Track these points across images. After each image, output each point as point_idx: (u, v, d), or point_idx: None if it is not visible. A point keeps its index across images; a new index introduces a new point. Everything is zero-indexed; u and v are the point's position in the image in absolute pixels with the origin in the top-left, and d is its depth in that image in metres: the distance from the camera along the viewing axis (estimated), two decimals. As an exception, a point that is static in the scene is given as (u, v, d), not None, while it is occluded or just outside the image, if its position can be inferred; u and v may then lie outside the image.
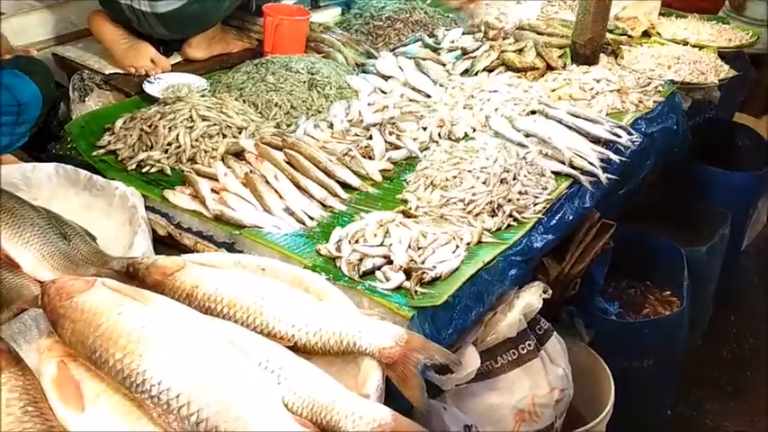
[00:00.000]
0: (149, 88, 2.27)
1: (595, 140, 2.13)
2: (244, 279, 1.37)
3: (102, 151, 1.99)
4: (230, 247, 1.69)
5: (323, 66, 2.45)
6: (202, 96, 2.14)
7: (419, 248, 1.60)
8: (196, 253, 1.69)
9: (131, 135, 2.00)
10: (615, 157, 2.06)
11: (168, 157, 1.95)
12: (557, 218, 1.88)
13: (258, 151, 1.90)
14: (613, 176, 2.02)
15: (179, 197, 1.78)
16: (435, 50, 2.74)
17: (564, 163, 1.99)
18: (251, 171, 1.83)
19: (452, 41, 2.79)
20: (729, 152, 3.07)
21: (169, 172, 1.91)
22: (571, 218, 1.93)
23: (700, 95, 2.66)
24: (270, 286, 1.36)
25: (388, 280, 1.52)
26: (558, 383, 1.66)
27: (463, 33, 2.88)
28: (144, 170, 1.92)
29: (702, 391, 2.57)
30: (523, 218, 1.78)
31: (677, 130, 2.49)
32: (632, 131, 2.21)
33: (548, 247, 1.83)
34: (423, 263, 1.56)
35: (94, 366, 1.10)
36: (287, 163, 1.89)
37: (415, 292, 1.48)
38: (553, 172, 1.97)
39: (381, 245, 1.60)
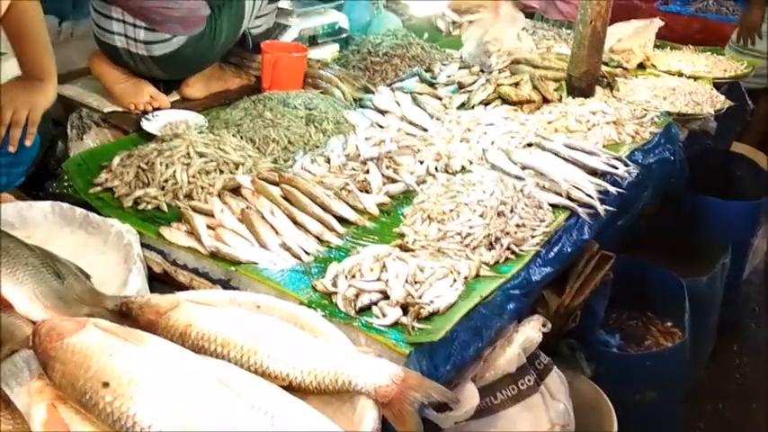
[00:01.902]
0: (147, 125, 2.28)
1: (592, 172, 2.13)
2: (238, 317, 1.35)
3: (98, 189, 1.99)
4: (226, 284, 1.68)
5: (320, 101, 2.47)
6: (200, 133, 2.15)
7: (416, 283, 1.59)
8: (191, 290, 1.68)
9: (128, 172, 2.00)
10: (612, 189, 2.06)
11: (165, 194, 1.95)
12: (555, 250, 1.86)
13: (255, 187, 1.90)
14: (611, 208, 2.01)
15: (175, 234, 1.77)
16: (432, 85, 2.76)
17: (561, 195, 1.99)
18: (247, 207, 1.83)
19: (449, 76, 2.82)
20: (728, 182, 3.07)
21: (165, 209, 1.91)
22: (569, 250, 1.92)
23: (696, 126, 2.68)
24: (264, 324, 1.35)
25: (384, 315, 1.50)
26: (559, 419, 1.63)
27: (459, 68, 2.90)
28: (140, 207, 1.92)
29: (706, 423, 2.52)
30: (521, 251, 1.77)
31: (674, 161, 2.49)
32: (629, 163, 2.21)
33: (546, 279, 1.81)
34: (420, 297, 1.54)
35: (84, 409, 1.08)
36: (284, 198, 1.89)
37: (412, 327, 1.46)
38: (550, 204, 1.97)
39: (378, 280, 1.59)
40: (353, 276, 1.62)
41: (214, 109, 2.49)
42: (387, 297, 1.55)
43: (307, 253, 1.74)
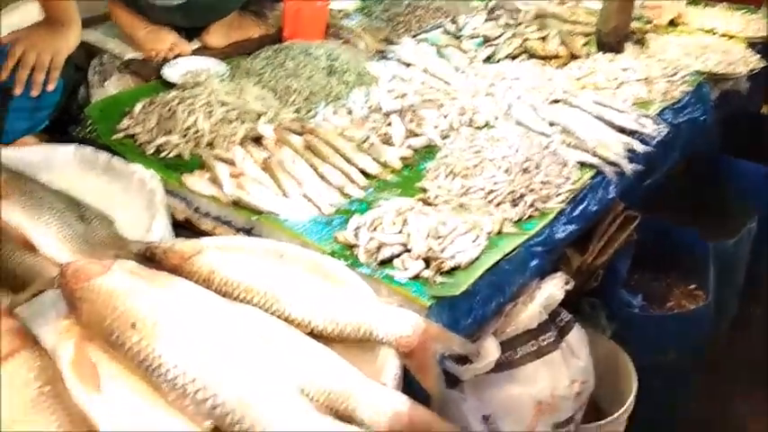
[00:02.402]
0: (168, 73, 2.26)
1: (620, 130, 2.08)
2: (262, 264, 1.35)
3: (121, 135, 1.99)
4: (248, 233, 1.68)
5: (342, 52, 2.42)
6: (221, 82, 2.13)
7: (438, 237, 1.57)
8: (214, 237, 1.68)
9: (150, 119, 1.99)
10: (640, 147, 2.02)
11: (187, 142, 1.93)
12: (579, 208, 1.84)
13: (277, 136, 1.88)
14: (638, 167, 1.97)
15: (197, 182, 1.77)
16: (457, 38, 2.70)
17: (588, 152, 1.95)
18: (269, 156, 1.81)
19: (474, 28, 2.75)
20: (758, 144, 2.99)
21: (187, 156, 1.90)
22: (594, 208, 1.89)
23: (728, 86, 2.60)
24: (287, 272, 1.35)
25: (406, 269, 1.49)
26: (579, 376, 1.63)
27: (485, 21, 2.83)
28: (162, 154, 1.91)
29: (728, 385, 2.51)
30: (546, 208, 1.74)
31: (704, 121, 2.43)
32: (659, 121, 2.15)
33: (570, 237, 1.79)
34: (442, 252, 1.53)
35: (112, 348, 1.09)
36: (306, 149, 1.87)
37: (434, 281, 1.46)
38: (577, 162, 1.93)
39: (400, 233, 1.58)
40: (375, 229, 1.61)
41: (235, 58, 2.46)
42: (408, 251, 1.54)
43: (329, 205, 1.73)
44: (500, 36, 2.68)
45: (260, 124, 2.02)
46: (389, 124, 2.05)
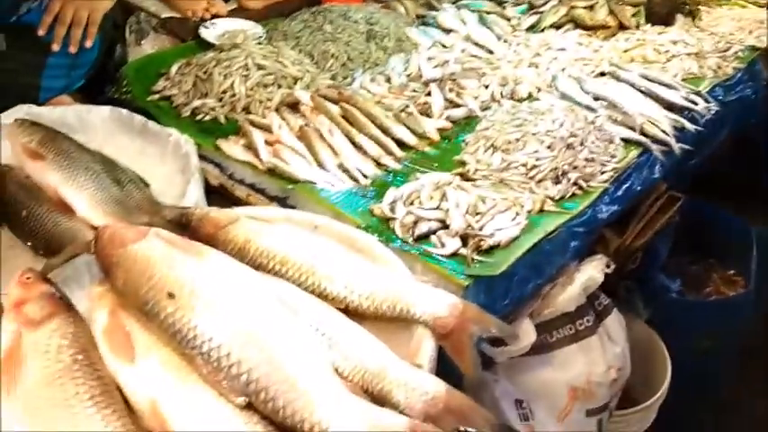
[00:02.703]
0: (205, 33, 2.22)
1: (669, 107, 2.00)
2: (297, 236, 1.32)
3: (156, 96, 1.97)
4: (283, 202, 1.65)
5: (382, 16, 2.36)
6: (258, 44, 2.09)
7: (477, 214, 1.53)
8: (248, 206, 1.66)
9: (186, 81, 1.96)
10: (690, 126, 1.93)
11: (223, 106, 1.91)
12: (624, 188, 1.77)
13: (314, 103, 1.84)
14: (687, 147, 1.89)
15: (232, 147, 1.74)
16: (500, 4, 2.60)
17: (634, 129, 1.88)
18: (306, 124, 1.77)
19: (518, -6, 2.65)
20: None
21: (223, 120, 1.88)
22: (639, 188, 1.82)
23: (782, 64, 2.47)
24: (323, 245, 1.32)
25: (443, 245, 1.46)
26: (615, 362, 1.59)
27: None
28: (198, 118, 1.89)
29: (759, 379, 2.45)
30: (589, 186, 1.68)
31: (755, 100, 2.32)
32: (709, 99, 2.06)
33: (612, 218, 1.73)
34: (480, 229, 1.49)
35: (146, 318, 1.08)
36: (342, 117, 1.83)
37: (472, 259, 1.42)
38: (622, 139, 1.86)
39: (437, 208, 1.54)
40: (412, 203, 1.57)
41: (272, 20, 2.41)
42: (446, 227, 1.50)
43: (365, 176, 1.69)
44: (545, 3, 2.58)
45: (296, 90, 1.98)
46: (428, 93, 1.99)
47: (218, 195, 1.74)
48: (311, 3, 2.50)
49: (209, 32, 2.23)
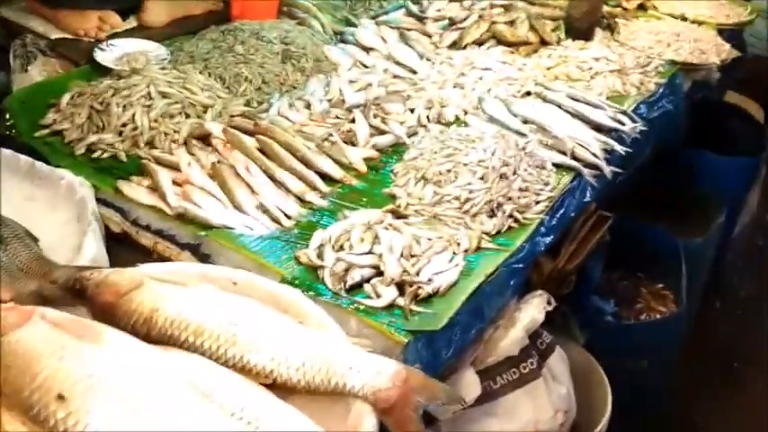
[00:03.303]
0: (101, 57, 2.01)
1: (597, 128, 1.96)
2: (212, 299, 1.17)
3: (46, 132, 1.75)
4: (195, 250, 1.48)
5: (298, 34, 2.21)
6: (162, 69, 1.89)
7: (412, 257, 1.42)
8: (155, 261, 1.48)
9: (80, 113, 1.75)
10: (619, 148, 1.90)
11: (123, 141, 1.71)
12: (558, 215, 1.71)
13: (226, 137, 1.67)
14: (617, 169, 1.86)
15: (135, 189, 1.56)
16: (420, 19, 2.51)
17: (565, 154, 1.82)
18: (218, 161, 1.61)
19: (438, 10, 2.56)
20: (721, 134, 2.93)
21: (124, 158, 1.68)
22: (573, 214, 1.77)
23: (700, 77, 2.51)
24: (244, 308, 1.16)
25: (378, 296, 1.33)
26: (562, 404, 1.52)
27: (450, 1, 2.64)
28: (95, 155, 1.68)
29: (697, 387, 2.48)
30: (525, 218, 1.61)
31: (676, 114, 2.34)
32: (635, 118, 2.04)
33: (548, 248, 1.66)
34: (417, 274, 1.38)
35: (32, 423, 0.90)
36: (259, 151, 1.67)
37: (410, 311, 1.30)
38: (554, 164, 1.80)
39: (370, 252, 1.41)
40: (342, 247, 1.44)
41: (177, 39, 2.21)
42: (380, 273, 1.38)
43: (287, 216, 1.55)
44: (466, 18, 2.50)
45: (207, 121, 1.81)
46: (352, 120, 1.87)
47: (120, 243, 1.56)
48: (220, 19, 2.32)
49: (105, 55, 2.01)
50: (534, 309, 1.48)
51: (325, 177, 1.69)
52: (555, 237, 1.69)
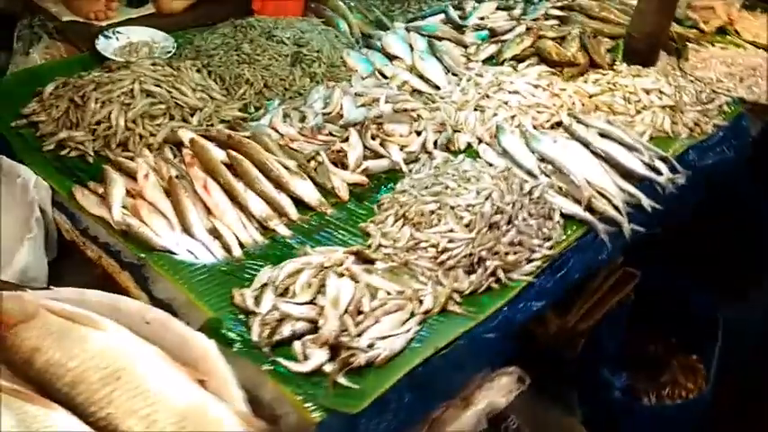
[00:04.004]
0: (101, 45, 1.92)
1: (627, 174, 1.69)
2: (101, 346, 1.04)
3: (23, 122, 1.67)
4: (136, 271, 1.36)
5: (315, 36, 2.05)
6: (154, 64, 1.77)
7: (359, 313, 1.23)
8: (99, 276, 1.37)
9: (59, 106, 1.66)
10: (646, 203, 1.62)
11: (95, 140, 1.61)
12: (557, 277, 1.48)
13: (193, 148, 1.53)
14: (640, 229, 1.59)
15: (87, 197, 1.45)
16: (459, 28, 2.28)
17: (580, 204, 1.57)
18: (177, 175, 1.47)
19: (482, 18, 2.33)
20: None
21: (91, 159, 1.58)
22: (577, 276, 1.53)
23: (772, 120, 2.16)
24: (136, 358, 1.03)
25: (306, 358, 1.16)
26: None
27: (497, 9, 2.40)
28: (63, 153, 1.59)
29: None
30: (509, 279, 1.38)
31: (737, 163, 2.01)
32: (677, 167, 1.75)
33: (534, 316, 1.43)
34: (358, 336, 1.20)
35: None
36: (229, 166, 1.53)
37: (334, 383, 1.12)
38: (564, 215, 1.56)
39: (312, 302, 1.24)
40: (286, 290, 1.27)
41: (191, 30, 2.09)
42: (317, 329, 1.20)
43: (241, 245, 1.40)
44: (510, 30, 2.26)
45: (193, 123, 1.69)
46: (347, 139, 1.69)
47: (74, 251, 1.46)
48: (240, 11, 2.18)
49: (107, 44, 1.92)
50: (497, 390, 1.26)
51: (299, 202, 1.52)
52: (547, 302, 1.46)
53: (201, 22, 2.15)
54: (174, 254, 1.35)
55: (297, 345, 1.18)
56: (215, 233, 1.40)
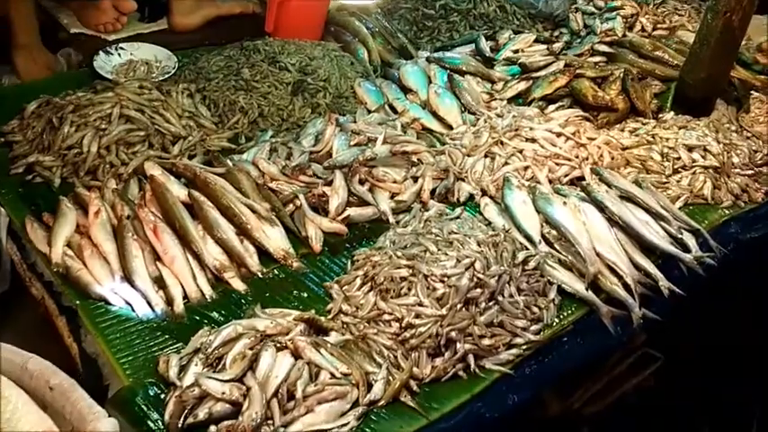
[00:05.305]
0: (98, 62, 1.85)
1: (648, 248, 1.45)
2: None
3: (2, 140, 1.60)
4: (73, 318, 1.25)
5: (325, 63, 1.90)
6: (141, 87, 1.67)
7: (290, 399, 1.07)
8: (40, 316, 1.27)
9: (35, 127, 1.58)
10: (666, 287, 1.38)
11: (64, 165, 1.52)
12: (547, 362, 1.27)
13: (151, 185, 1.41)
14: (654, 316, 1.35)
15: (35, 232, 1.35)
16: (488, 61, 2.09)
17: (583, 279, 1.35)
18: (129, 215, 1.35)
19: (515, 51, 2.13)
20: None
21: (57, 184, 1.49)
22: (571, 365, 1.31)
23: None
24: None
25: (216, 450, 1.01)
26: None
27: (537, 41, 2.19)
28: (28, 178, 1.51)
29: None
30: (480, 368, 1.19)
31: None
32: (712, 243, 1.50)
33: (514, 409, 1.23)
34: (284, 427, 1.03)
35: None
36: (191, 207, 1.40)
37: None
38: (563, 292, 1.34)
39: (240, 380, 1.09)
40: (219, 360, 1.13)
41: (202, 49, 1.99)
42: (237, 412, 1.05)
43: (185, 299, 1.26)
44: (545, 66, 2.04)
45: (173, 152, 1.58)
46: (332, 182, 1.53)
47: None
48: (258, 31, 2.06)
49: (104, 60, 1.85)
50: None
51: (262, 252, 1.38)
52: (534, 394, 1.25)
53: (213, 41, 2.05)
54: (110, 304, 1.23)
55: (211, 431, 1.03)
56: (161, 282, 1.27)
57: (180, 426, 1.04)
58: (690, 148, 1.74)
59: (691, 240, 1.47)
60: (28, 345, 1.06)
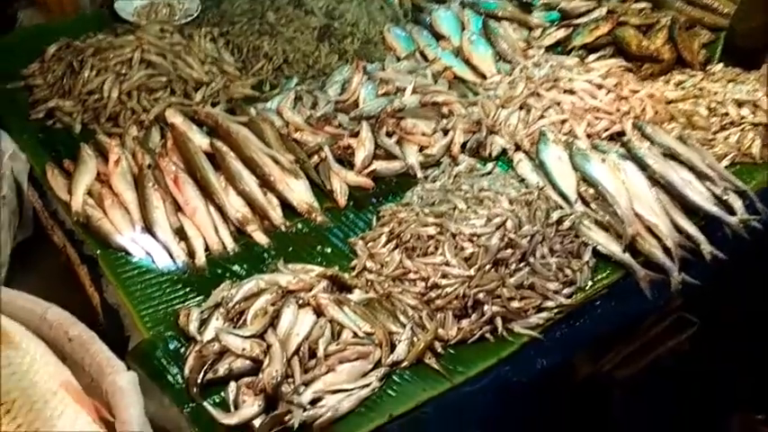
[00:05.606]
0: (121, 3, 1.77)
1: (691, 209, 1.38)
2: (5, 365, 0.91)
3: (20, 84, 1.56)
4: (93, 266, 1.23)
5: (352, 8, 1.82)
6: (162, 30, 1.62)
7: (312, 357, 1.04)
8: (62, 263, 1.25)
9: (57, 70, 1.54)
10: (708, 251, 1.31)
11: (86, 111, 1.48)
12: (576, 327, 1.22)
13: (174, 133, 1.37)
14: (693, 281, 1.29)
15: (56, 179, 1.32)
16: (526, 6, 1.98)
17: (620, 242, 1.29)
18: (151, 164, 1.31)
19: (556, -4, 2.01)
20: None
21: (78, 130, 1.46)
22: (604, 330, 1.26)
23: None
24: (32, 395, 0.89)
25: (236, 406, 0.99)
26: None
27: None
28: (49, 123, 1.47)
29: None
30: (509, 330, 1.15)
31: None
32: (759, 205, 1.41)
33: (544, 372, 1.19)
34: (305, 385, 1.01)
35: None
36: (213, 157, 1.35)
37: (257, 446, 0.95)
38: (598, 254, 1.28)
39: (261, 336, 1.06)
40: (240, 315, 1.10)
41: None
42: (257, 370, 1.02)
43: (207, 251, 1.23)
44: (587, 12, 1.93)
45: (196, 98, 1.53)
46: (358, 133, 1.47)
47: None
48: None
49: (127, 2, 1.78)
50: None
51: (285, 204, 1.34)
52: (564, 358, 1.21)
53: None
54: (131, 255, 1.20)
55: (230, 388, 1.01)
56: (182, 234, 1.24)
57: (199, 381, 1.01)
58: (739, 104, 1.63)
59: (737, 202, 1.39)
60: (51, 292, 1.04)
